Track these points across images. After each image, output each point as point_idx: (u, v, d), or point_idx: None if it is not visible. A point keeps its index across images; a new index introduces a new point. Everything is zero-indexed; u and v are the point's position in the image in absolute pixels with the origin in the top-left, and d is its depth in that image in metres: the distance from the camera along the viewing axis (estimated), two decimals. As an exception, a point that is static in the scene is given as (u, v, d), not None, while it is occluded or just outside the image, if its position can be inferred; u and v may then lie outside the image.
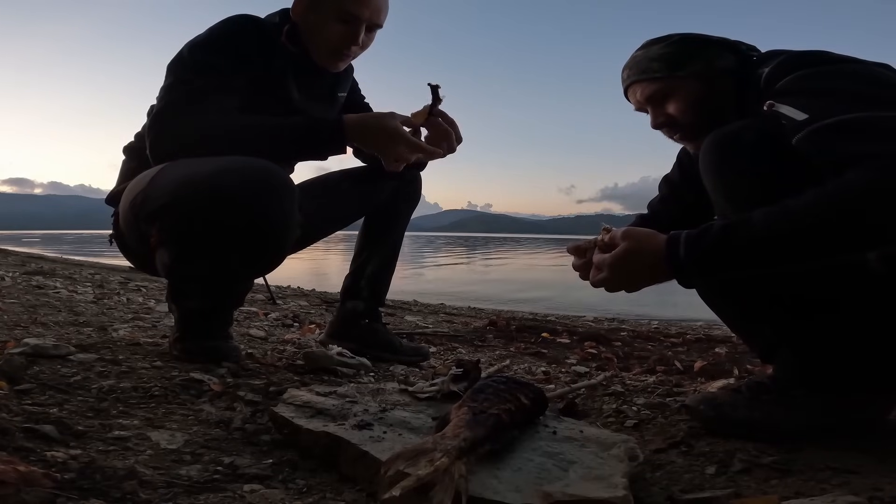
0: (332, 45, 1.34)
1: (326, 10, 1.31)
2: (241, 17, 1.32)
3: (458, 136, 1.35)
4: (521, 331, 2.71)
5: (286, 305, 3.32)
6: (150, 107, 1.44)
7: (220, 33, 1.28)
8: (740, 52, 1.04)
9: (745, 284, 0.98)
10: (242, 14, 1.33)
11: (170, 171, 1.18)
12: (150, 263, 1.29)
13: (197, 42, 1.27)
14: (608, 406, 1.17)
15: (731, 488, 0.75)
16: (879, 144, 0.75)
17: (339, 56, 1.37)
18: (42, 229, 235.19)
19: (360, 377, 1.38)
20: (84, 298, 2.68)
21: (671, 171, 1.27)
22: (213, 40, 1.27)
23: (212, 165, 1.12)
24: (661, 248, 0.86)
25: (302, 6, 1.34)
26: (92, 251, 14.45)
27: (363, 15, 1.32)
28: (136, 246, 1.31)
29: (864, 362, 0.91)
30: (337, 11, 1.30)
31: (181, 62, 1.26)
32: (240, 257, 1.18)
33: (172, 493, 0.66)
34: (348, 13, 1.31)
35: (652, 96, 1.08)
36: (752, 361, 1.87)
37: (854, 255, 0.81)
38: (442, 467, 0.58)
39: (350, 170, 1.66)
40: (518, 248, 30.86)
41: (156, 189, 1.18)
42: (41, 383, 1.00)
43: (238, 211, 1.10)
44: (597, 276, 0.95)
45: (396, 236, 1.74)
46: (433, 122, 1.32)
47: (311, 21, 1.33)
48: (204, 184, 1.10)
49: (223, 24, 1.29)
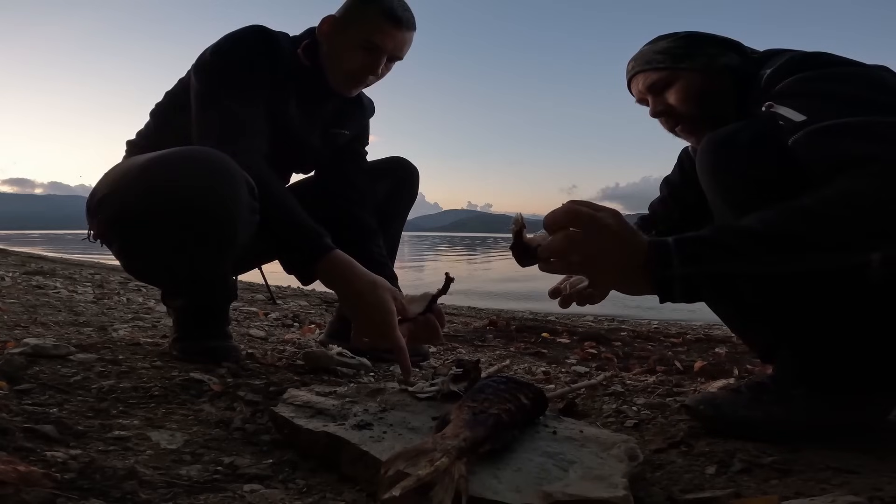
0: (350, 70, 1.34)
1: (352, 36, 1.31)
2: (256, 29, 1.30)
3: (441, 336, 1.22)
4: (521, 331, 2.71)
5: (286, 305, 3.32)
6: (154, 105, 1.45)
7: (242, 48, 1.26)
8: (743, 52, 1.05)
9: (745, 284, 0.98)
10: (257, 26, 1.31)
11: (120, 164, 1.19)
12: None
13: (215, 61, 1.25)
14: (608, 406, 1.17)
15: (731, 488, 0.75)
16: (872, 150, 0.75)
17: (355, 82, 1.37)
18: (42, 229, 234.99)
19: (360, 377, 1.38)
20: (84, 298, 2.68)
21: (672, 173, 1.27)
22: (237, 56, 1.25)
23: (152, 155, 1.07)
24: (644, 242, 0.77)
25: (329, 26, 1.34)
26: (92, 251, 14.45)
27: (387, 47, 1.31)
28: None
29: (864, 362, 0.91)
30: (362, 39, 1.30)
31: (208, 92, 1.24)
32: (181, 247, 1.07)
33: (172, 493, 0.66)
34: (373, 43, 1.30)
35: (653, 85, 1.10)
36: (752, 361, 1.87)
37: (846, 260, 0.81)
38: (442, 467, 0.58)
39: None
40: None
41: (101, 183, 1.18)
42: (41, 383, 1.00)
43: (168, 198, 1.00)
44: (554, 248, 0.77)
45: (394, 235, 1.73)
46: (427, 318, 1.16)
47: (335, 43, 1.33)
48: (135, 174, 1.05)
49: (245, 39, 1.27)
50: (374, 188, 1.63)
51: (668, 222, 1.24)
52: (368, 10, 1.29)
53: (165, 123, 1.42)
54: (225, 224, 1.04)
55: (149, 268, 1.22)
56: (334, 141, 1.54)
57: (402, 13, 1.30)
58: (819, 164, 0.80)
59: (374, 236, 1.53)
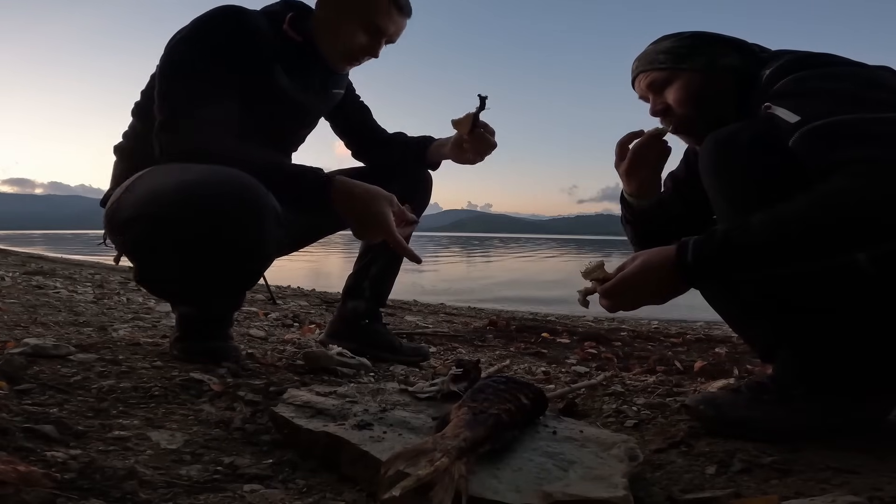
0: (350, 50, 1.36)
1: (355, 16, 1.33)
2: (222, 9, 1.27)
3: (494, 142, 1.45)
4: (521, 331, 2.72)
5: (286, 305, 3.32)
6: (133, 104, 1.43)
7: (204, 29, 1.24)
8: (750, 52, 1.05)
9: (746, 284, 0.99)
10: (224, 6, 1.28)
11: (144, 180, 1.16)
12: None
13: (183, 39, 1.24)
14: (608, 406, 1.17)
15: (731, 488, 0.75)
16: (865, 148, 0.76)
17: (353, 61, 1.40)
18: (42, 229, 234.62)
19: (360, 377, 1.38)
20: (84, 298, 2.68)
21: (677, 168, 1.28)
22: (199, 37, 1.23)
23: (179, 177, 1.07)
24: (672, 255, 0.88)
25: (329, 3, 1.35)
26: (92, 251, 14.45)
27: (388, 30, 1.35)
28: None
29: (864, 362, 0.91)
30: (365, 21, 1.33)
31: (171, 65, 1.23)
32: (205, 275, 1.12)
33: (172, 493, 0.66)
34: (376, 26, 1.33)
35: (652, 84, 1.11)
36: (752, 361, 1.87)
37: (841, 258, 0.84)
38: (442, 467, 0.58)
39: (356, 169, 1.65)
40: (518, 248, 30.87)
41: (124, 201, 1.17)
42: (41, 383, 1.00)
43: (200, 229, 1.04)
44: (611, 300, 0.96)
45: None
46: (478, 133, 1.42)
47: (335, 20, 1.34)
48: (166, 199, 1.06)
49: (207, 20, 1.24)
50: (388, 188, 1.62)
51: (671, 217, 1.25)
52: None
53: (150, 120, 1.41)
54: (252, 260, 1.12)
55: (170, 288, 1.24)
56: (332, 100, 1.56)
57: (402, 4, 1.35)
58: (812, 166, 0.81)
59: (402, 136, 1.70)
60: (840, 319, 0.90)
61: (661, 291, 0.91)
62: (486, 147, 1.46)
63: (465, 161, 1.52)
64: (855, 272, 0.85)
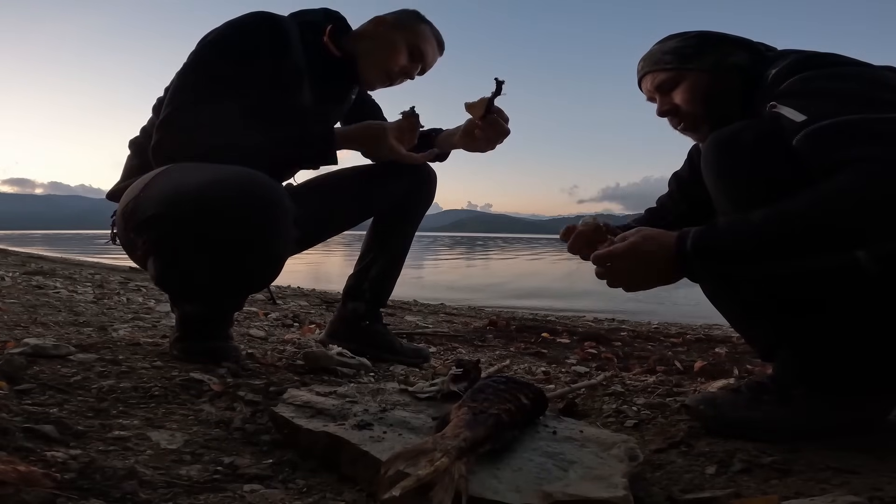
0: (390, 69, 1.43)
1: (403, 39, 1.43)
2: (256, 15, 1.29)
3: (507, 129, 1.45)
4: (521, 331, 2.72)
5: (286, 305, 3.32)
6: (156, 99, 1.43)
7: (233, 32, 1.26)
8: (756, 51, 1.05)
9: (747, 283, 0.99)
10: (259, 11, 1.30)
11: (161, 179, 1.15)
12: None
13: (209, 41, 1.25)
14: (608, 406, 1.17)
15: (731, 488, 0.75)
16: (868, 147, 0.76)
17: (388, 81, 1.47)
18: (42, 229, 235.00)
19: (360, 377, 1.38)
20: (84, 298, 2.68)
21: (682, 168, 1.28)
22: (226, 40, 1.25)
23: (201, 176, 1.08)
24: (672, 242, 0.88)
25: (385, 24, 1.43)
26: (92, 251, 14.44)
27: (427, 59, 1.48)
28: (130, 251, 1.30)
29: (864, 362, 0.91)
30: (411, 44, 1.43)
31: (194, 63, 1.24)
32: (226, 274, 1.13)
33: (172, 493, 0.66)
34: (420, 50, 1.45)
35: (661, 85, 1.11)
36: (752, 361, 1.88)
37: (844, 256, 0.84)
38: (442, 467, 0.58)
39: (362, 167, 1.63)
40: (517, 248, 30.87)
41: (145, 199, 1.15)
42: (41, 383, 1.00)
43: (224, 228, 1.05)
44: (603, 267, 0.95)
45: (405, 238, 1.70)
46: (491, 119, 1.40)
47: (383, 41, 1.41)
48: (190, 197, 1.05)
49: (238, 24, 1.27)
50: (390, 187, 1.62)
51: (674, 216, 1.25)
52: (421, 25, 1.46)
53: None
54: (271, 259, 1.14)
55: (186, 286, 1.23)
56: (348, 105, 1.60)
57: (442, 41, 1.52)
58: (815, 165, 0.81)
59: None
60: (840, 319, 0.90)
61: (651, 271, 0.91)
62: (499, 134, 1.44)
63: (476, 149, 1.50)
64: (855, 272, 0.85)
